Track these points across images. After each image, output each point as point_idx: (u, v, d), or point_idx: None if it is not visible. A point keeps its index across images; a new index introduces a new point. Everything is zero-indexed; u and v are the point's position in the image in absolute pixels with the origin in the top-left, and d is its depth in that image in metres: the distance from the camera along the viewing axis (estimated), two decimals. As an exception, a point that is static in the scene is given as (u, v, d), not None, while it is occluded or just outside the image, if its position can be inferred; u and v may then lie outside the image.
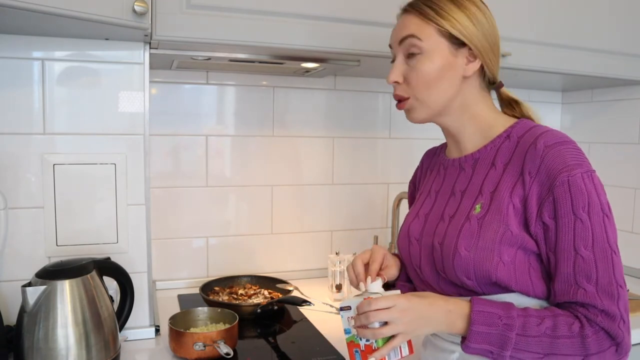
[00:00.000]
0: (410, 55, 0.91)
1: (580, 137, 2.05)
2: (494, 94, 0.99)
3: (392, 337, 0.82)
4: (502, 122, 0.94)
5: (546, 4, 1.54)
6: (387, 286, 1.02)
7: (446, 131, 0.99)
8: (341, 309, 0.87)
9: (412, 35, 0.90)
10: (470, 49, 0.90)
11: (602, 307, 0.80)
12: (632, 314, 1.37)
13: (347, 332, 0.88)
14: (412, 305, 0.82)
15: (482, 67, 0.92)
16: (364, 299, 0.83)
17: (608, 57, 1.66)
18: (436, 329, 0.84)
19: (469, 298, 0.85)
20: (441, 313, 0.83)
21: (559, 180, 0.81)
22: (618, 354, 0.81)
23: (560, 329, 0.80)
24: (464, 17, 0.89)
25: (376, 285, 0.90)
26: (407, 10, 0.93)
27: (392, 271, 1.02)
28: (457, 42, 0.89)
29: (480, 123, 0.95)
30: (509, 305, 0.83)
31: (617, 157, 1.91)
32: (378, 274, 0.98)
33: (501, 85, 0.97)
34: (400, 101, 0.95)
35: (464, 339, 0.83)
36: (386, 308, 0.81)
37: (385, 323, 0.81)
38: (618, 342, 0.80)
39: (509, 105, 0.98)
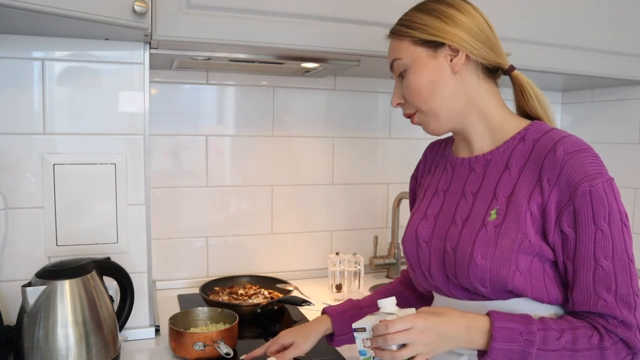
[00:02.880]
0: (401, 75, 0.95)
1: (580, 137, 2.04)
2: (509, 92, 0.97)
3: (411, 358, 0.80)
4: (515, 123, 0.93)
5: (546, 4, 1.54)
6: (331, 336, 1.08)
7: (456, 131, 0.98)
8: (355, 330, 0.84)
9: (395, 59, 0.95)
10: (448, 45, 0.90)
11: (621, 317, 0.79)
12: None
13: (362, 353, 0.85)
14: (430, 325, 0.79)
15: (471, 58, 0.90)
16: (380, 321, 0.80)
17: (608, 57, 1.65)
18: (455, 346, 0.82)
19: (486, 310, 0.83)
20: (460, 330, 0.81)
21: (580, 190, 0.80)
22: None
23: (580, 342, 0.80)
24: (432, 19, 0.90)
25: (389, 304, 0.83)
26: (389, 36, 0.97)
27: (300, 349, 1.04)
28: (433, 44, 0.90)
29: (490, 122, 0.93)
30: (528, 319, 0.82)
31: (617, 157, 1.90)
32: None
33: (512, 69, 0.94)
34: (410, 118, 0.97)
35: (482, 353, 0.82)
36: (404, 330, 0.78)
37: (404, 344, 0.78)
38: (635, 352, 0.80)
39: (523, 91, 0.94)
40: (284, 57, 1.37)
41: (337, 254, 1.63)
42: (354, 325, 0.85)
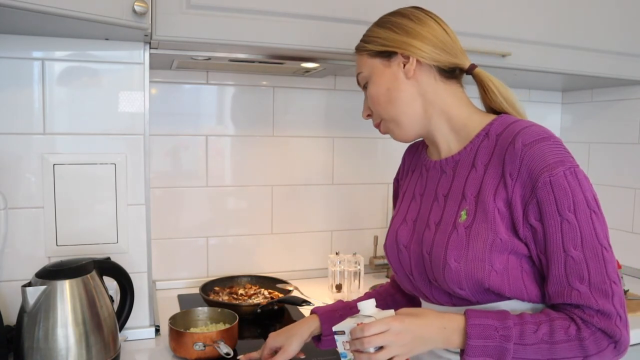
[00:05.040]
0: (365, 88, 0.99)
1: (580, 137, 2.05)
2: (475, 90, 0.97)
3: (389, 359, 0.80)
4: (479, 120, 0.93)
5: (546, 4, 1.54)
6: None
7: (422, 135, 0.99)
8: (335, 333, 0.85)
9: (357, 74, 1.01)
10: (400, 53, 0.93)
11: (597, 307, 0.79)
12: (632, 314, 1.37)
13: (343, 355, 0.86)
14: (406, 327, 0.80)
15: (422, 63, 0.92)
16: (357, 324, 0.80)
17: (608, 57, 1.66)
18: (433, 346, 0.83)
19: (463, 311, 0.83)
20: (436, 331, 0.81)
21: (540, 182, 0.80)
22: (617, 350, 0.81)
23: (557, 334, 0.79)
24: (385, 30, 0.95)
25: (369, 306, 0.84)
26: (354, 52, 1.02)
27: (288, 353, 1.03)
28: (386, 54, 0.95)
29: (453, 121, 0.94)
30: (504, 314, 0.81)
31: (617, 157, 1.91)
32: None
33: (473, 68, 0.95)
34: (378, 128, 1.01)
35: (462, 351, 0.82)
36: (380, 332, 0.78)
37: (381, 347, 0.79)
38: (616, 340, 0.80)
39: (485, 88, 0.94)
40: (284, 57, 1.37)
41: (337, 254, 1.63)
42: (334, 328, 0.85)
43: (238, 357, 1.08)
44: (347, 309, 1.08)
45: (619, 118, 1.90)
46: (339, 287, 1.59)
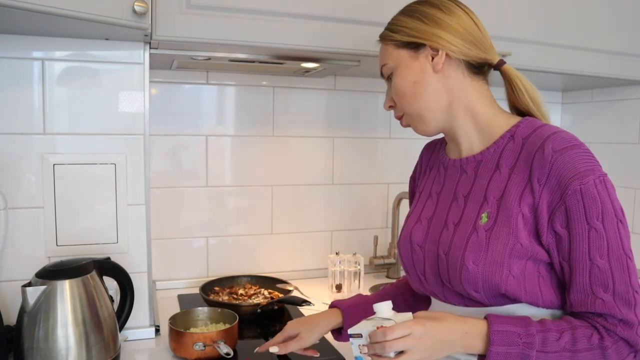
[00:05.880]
0: (389, 79, 0.96)
1: (580, 137, 2.03)
2: (500, 92, 0.96)
3: None
4: (504, 121, 0.91)
5: (546, 4, 1.54)
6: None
7: (444, 131, 0.97)
8: (351, 335, 0.83)
9: (382, 65, 0.97)
10: (429, 46, 0.90)
11: (620, 316, 0.78)
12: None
13: (358, 359, 0.84)
14: (428, 332, 0.78)
15: (452, 57, 0.90)
16: (377, 327, 0.78)
17: (608, 57, 1.66)
18: (453, 351, 0.81)
19: (483, 315, 0.82)
20: (457, 336, 0.80)
21: (570, 189, 0.79)
22: (637, 359, 0.81)
23: (580, 342, 0.79)
24: (413, 20, 0.91)
25: (386, 308, 0.81)
26: (378, 41, 0.99)
27: (304, 342, 1.04)
28: (414, 45, 0.91)
29: (477, 120, 0.92)
30: (527, 321, 0.80)
31: (617, 157, 1.91)
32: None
33: (502, 63, 0.92)
34: (400, 120, 0.98)
35: (482, 357, 0.80)
36: (402, 336, 0.77)
37: (401, 351, 0.77)
38: (638, 349, 0.79)
39: (513, 86, 0.92)
40: (284, 57, 1.37)
41: (337, 254, 1.64)
42: (350, 331, 0.83)
43: (255, 351, 1.07)
44: (368, 304, 1.06)
45: (619, 118, 1.90)
46: (339, 287, 1.59)
